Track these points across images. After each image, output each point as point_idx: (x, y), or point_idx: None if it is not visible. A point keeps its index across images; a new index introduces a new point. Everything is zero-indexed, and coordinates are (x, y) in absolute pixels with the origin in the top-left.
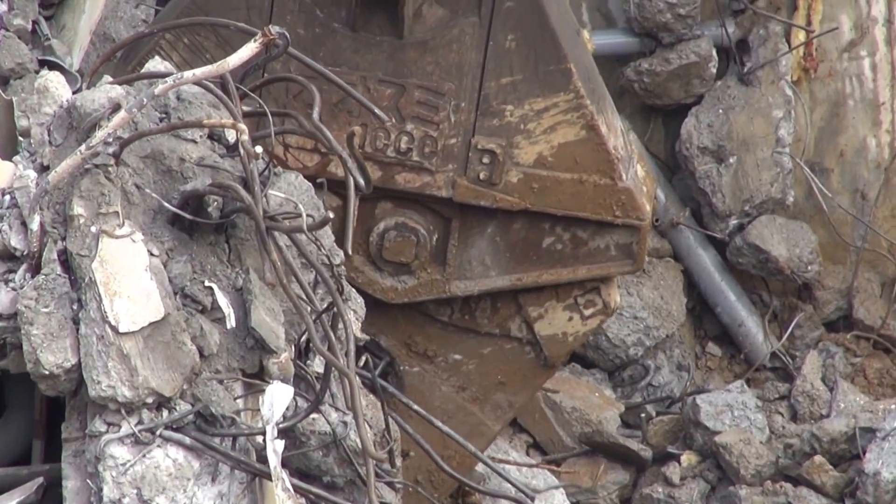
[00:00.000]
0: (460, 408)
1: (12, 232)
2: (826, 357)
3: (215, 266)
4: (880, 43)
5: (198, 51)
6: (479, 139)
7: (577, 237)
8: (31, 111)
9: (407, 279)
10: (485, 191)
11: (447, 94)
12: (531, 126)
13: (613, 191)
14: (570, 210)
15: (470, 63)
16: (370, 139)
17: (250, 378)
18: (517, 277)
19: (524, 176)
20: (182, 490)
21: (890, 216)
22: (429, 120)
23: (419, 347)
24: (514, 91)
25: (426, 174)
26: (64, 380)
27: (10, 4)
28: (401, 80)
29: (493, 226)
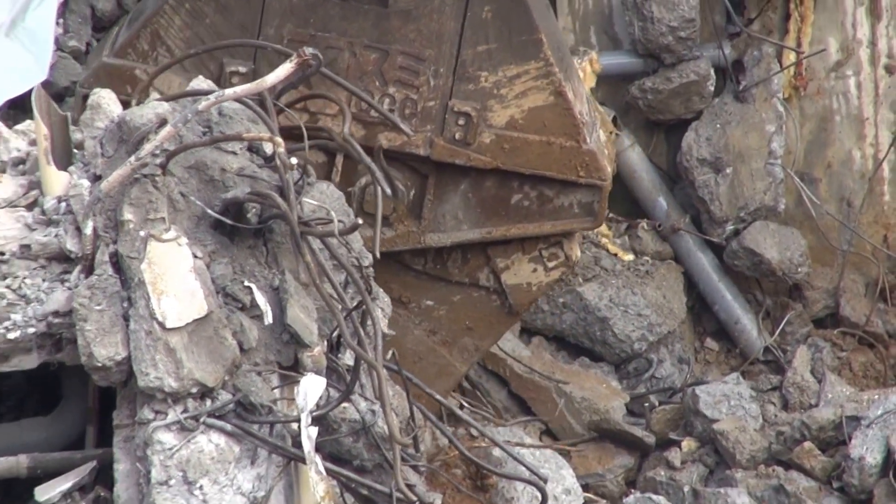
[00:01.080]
0: (431, 350)
1: (68, 236)
2: (815, 351)
3: (254, 267)
4: (865, 63)
5: (198, 15)
6: (455, 102)
7: (544, 195)
8: (84, 126)
9: (385, 231)
10: (459, 150)
11: (427, 60)
12: (504, 91)
13: (578, 153)
14: (538, 169)
15: (449, 32)
16: (355, 100)
17: (286, 370)
18: (487, 231)
19: (496, 137)
20: (224, 472)
21: (873, 222)
22: (409, 83)
23: (394, 294)
24: (488, 58)
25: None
26: (115, 371)
27: (66, 28)
28: (385, 46)
29: (465, 183)
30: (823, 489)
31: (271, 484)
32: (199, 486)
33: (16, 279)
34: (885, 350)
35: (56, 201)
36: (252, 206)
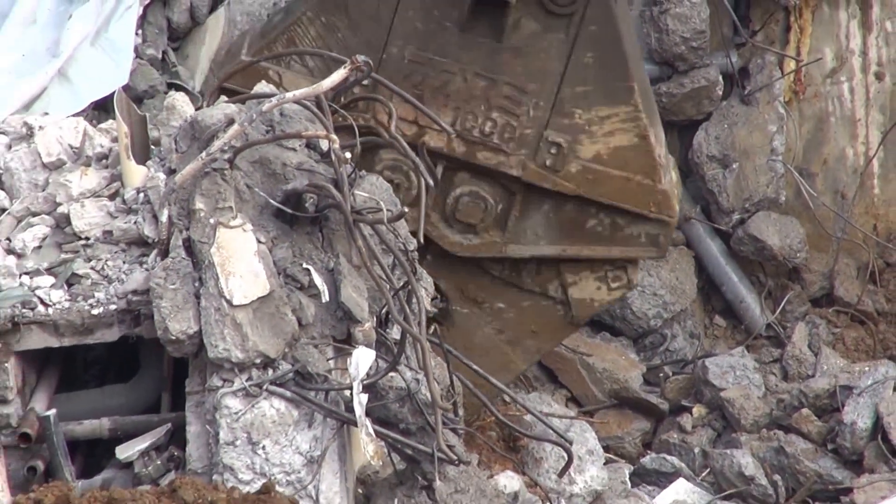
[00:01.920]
0: (496, 347)
1: (145, 223)
2: (811, 328)
3: (311, 251)
4: (857, 70)
5: (331, 29)
6: (550, 133)
7: (616, 223)
8: (161, 125)
9: (472, 238)
10: (548, 175)
11: (530, 93)
12: (594, 128)
13: (653, 191)
14: (616, 201)
15: (553, 70)
16: (461, 120)
17: (340, 343)
18: (562, 248)
19: (582, 168)
20: (284, 434)
21: (864, 212)
22: (511, 112)
23: (471, 293)
24: (584, 98)
25: (502, 155)
26: (187, 344)
27: (144, 37)
28: (494, 75)
29: (548, 204)
30: (819, 451)
31: (326, 444)
32: (262, 446)
33: (99, 261)
34: (875, 326)
35: (135, 192)
36: (310, 197)
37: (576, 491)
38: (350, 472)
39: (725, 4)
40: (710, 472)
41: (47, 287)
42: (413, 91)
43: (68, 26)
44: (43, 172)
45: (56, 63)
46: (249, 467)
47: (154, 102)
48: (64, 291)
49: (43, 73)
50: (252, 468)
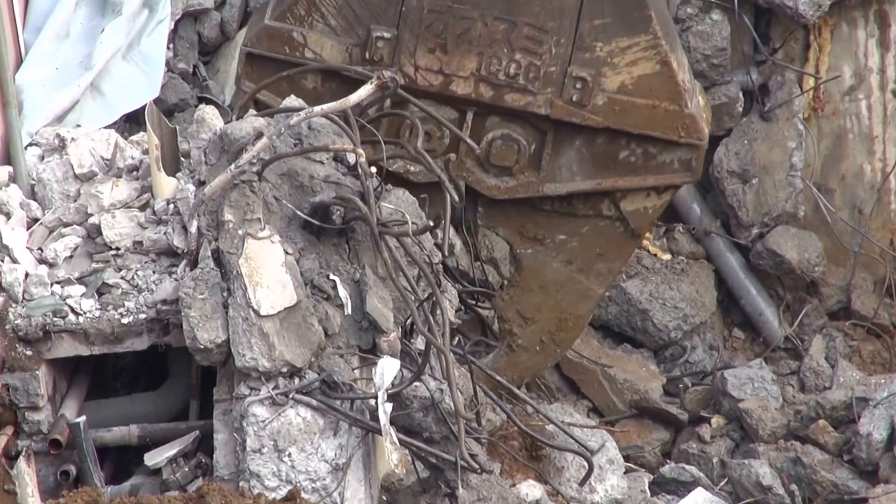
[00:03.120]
0: (569, 278)
1: (175, 234)
2: (829, 340)
3: (338, 263)
4: (874, 88)
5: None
6: (573, 68)
7: (648, 152)
8: (191, 137)
9: (508, 179)
10: (576, 111)
11: (550, 31)
12: (616, 60)
13: (680, 116)
14: (644, 129)
15: (570, 6)
16: (485, 64)
17: (365, 353)
18: (597, 182)
19: (608, 100)
20: (310, 442)
21: (881, 227)
22: (534, 51)
23: (530, 233)
24: (604, 31)
25: (529, 95)
26: (215, 353)
27: (175, 52)
28: (513, 17)
29: (580, 139)
30: (835, 461)
31: (351, 452)
32: (288, 453)
33: (129, 271)
34: (891, 340)
35: (165, 203)
36: (336, 209)
37: (596, 500)
38: (374, 480)
39: (746, 22)
40: (729, 481)
41: (78, 296)
42: (436, 40)
43: (101, 40)
44: (75, 183)
45: (88, 76)
46: (276, 474)
47: (184, 115)
48: (94, 301)
49: (75, 85)
50: (278, 475)
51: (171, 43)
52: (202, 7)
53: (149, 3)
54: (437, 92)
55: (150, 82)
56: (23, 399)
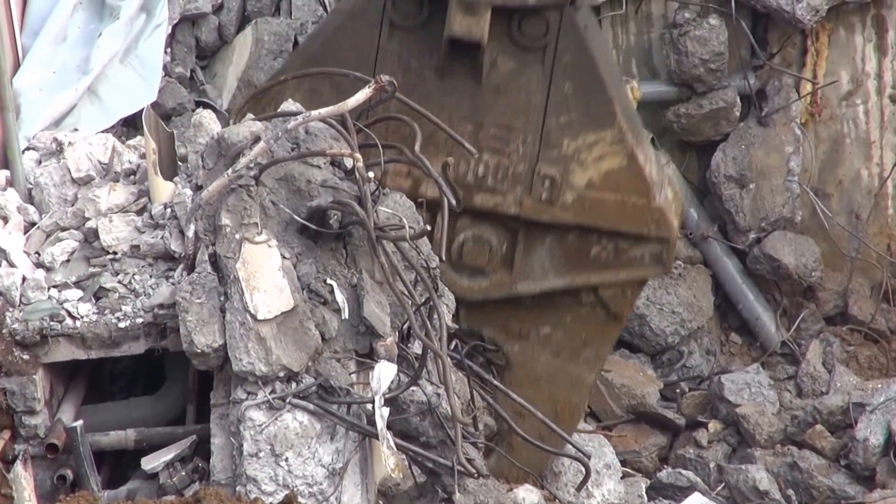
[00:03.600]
0: (559, 369)
1: (172, 238)
2: (826, 346)
3: (335, 267)
4: (872, 93)
5: (316, 93)
6: (541, 166)
7: (619, 247)
8: (188, 142)
9: (481, 280)
10: (546, 208)
11: (516, 130)
12: (583, 156)
13: (649, 210)
14: (614, 225)
15: (535, 104)
16: (453, 166)
17: (362, 357)
18: (570, 279)
19: (577, 197)
20: (307, 447)
21: (878, 233)
22: (501, 151)
23: (514, 330)
24: (570, 127)
25: (498, 195)
26: (212, 357)
27: (173, 56)
28: (479, 117)
29: (551, 237)
30: (832, 466)
31: (348, 457)
32: (285, 458)
33: (126, 275)
34: (888, 345)
35: (162, 207)
36: (334, 214)
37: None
38: (371, 485)
39: (743, 27)
40: (725, 486)
41: (75, 300)
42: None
43: (98, 44)
44: (72, 188)
45: (86, 80)
46: (272, 479)
47: (182, 120)
48: (91, 305)
49: (73, 90)
50: (275, 480)
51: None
52: (200, 11)
53: (146, 7)
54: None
55: (147, 86)
56: (20, 403)
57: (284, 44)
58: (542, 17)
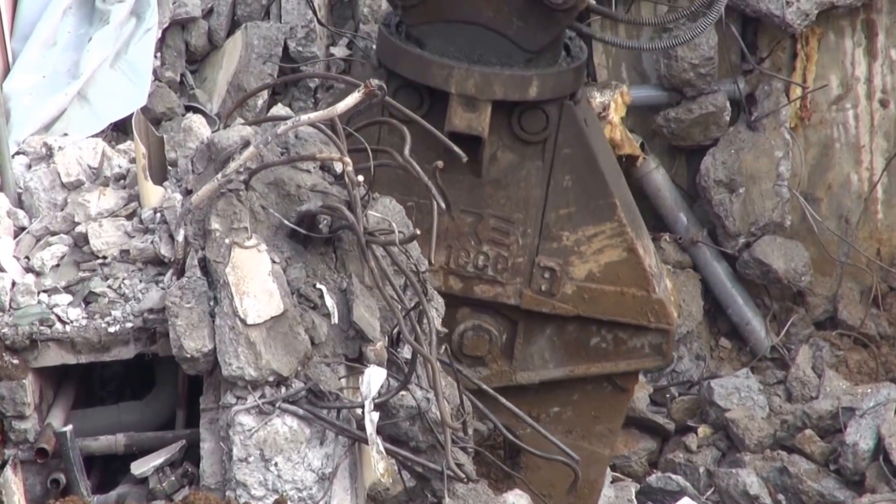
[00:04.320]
0: (574, 447)
1: (162, 243)
2: (815, 350)
3: (324, 272)
4: (861, 98)
5: None
6: (541, 258)
7: (619, 338)
8: (178, 146)
9: (482, 370)
10: (545, 300)
11: (516, 222)
12: (583, 248)
13: (648, 301)
14: (614, 316)
15: (535, 197)
16: (454, 257)
17: (352, 362)
18: (570, 369)
19: (577, 288)
20: (296, 451)
21: (868, 237)
22: (501, 243)
23: (524, 410)
24: (569, 220)
25: (498, 286)
26: (202, 362)
27: (162, 60)
28: (479, 210)
29: (550, 327)
30: (822, 471)
31: (338, 462)
32: (275, 462)
33: (116, 280)
34: (878, 350)
35: (152, 212)
36: (323, 218)
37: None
38: (361, 490)
39: (733, 32)
40: (715, 491)
41: (65, 305)
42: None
43: (88, 49)
44: (62, 192)
45: (76, 85)
46: (262, 483)
47: (171, 124)
48: (81, 309)
49: (63, 94)
50: (265, 484)
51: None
52: (189, 16)
53: (136, 11)
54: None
55: (137, 91)
56: (9, 408)
57: (274, 48)
58: (542, 111)
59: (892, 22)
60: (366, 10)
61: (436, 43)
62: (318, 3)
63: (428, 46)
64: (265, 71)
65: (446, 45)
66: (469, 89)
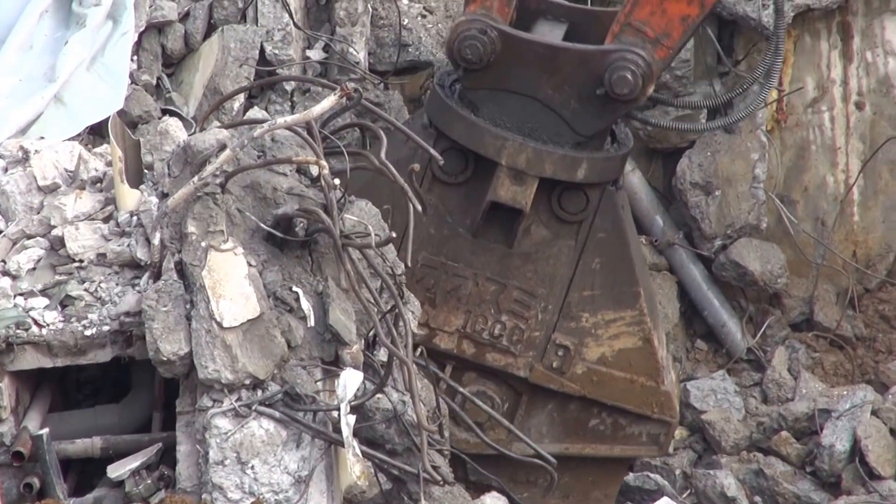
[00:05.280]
0: None
1: (138, 246)
2: (791, 352)
3: (301, 275)
4: (837, 100)
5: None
6: (557, 335)
7: (618, 423)
8: (154, 149)
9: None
10: (555, 377)
11: (539, 297)
12: (600, 331)
13: (656, 392)
14: (619, 402)
15: (561, 275)
16: (471, 322)
17: (328, 365)
18: (565, 447)
19: (587, 370)
20: (272, 454)
21: (844, 239)
22: (520, 315)
23: (521, 478)
24: (591, 302)
25: (510, 356)
26: (178, 365)
27: (139, 63)
28: (504, 280)
29: (552, 404)
30: (798, 473)
31: (314, 464)
32: (251, 465)
33: (93, 283)
34: (853, 351)
35: (129, 215)
36: (300, 221)
37: None
38: (337, 492)
39: (709, 34)
40: (692, 492)
41: (41, 308)
42: (425, 294)
43: (65, 52)
44: (38, 195)
45: (52, 88)
46: (238, 486)
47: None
48: (58, 313)
49: (39, 97)
50: (241, 487)
51: (135, 55)
52: (166, 19)
53: (113, 15)
54: (421, 344)
55: (113, 94)
56: None
57: (250, 51)
58: (583, 193)
59: (868, 24)
60: (342, 13)
61: (490, 110)
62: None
63: (481, 112)
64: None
65: (500, 113)
66: (520, 163)
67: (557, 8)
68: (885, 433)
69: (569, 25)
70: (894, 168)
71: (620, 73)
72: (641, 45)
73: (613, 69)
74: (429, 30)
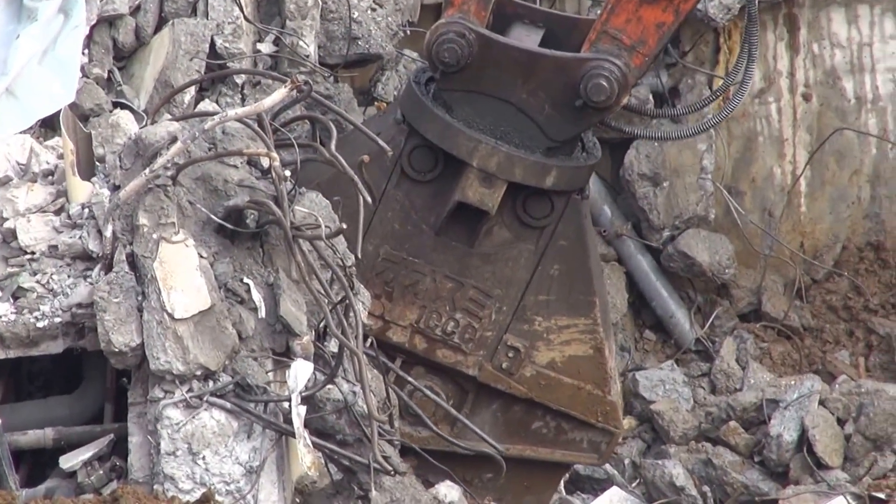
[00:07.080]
0: None
1: (90, 238)
2: (739, 342)
3: (252, 266)
4: (784, 91)
5: None
6: (509, 337)
7: (561, 427)
8: (106, 142)
9: (421, 430)
10: (503, 377)
11: (494, 298)
12: (552, 336)
13: (602, 401)
14: (564, 407)
15: (519, 278)
16: (425, 318)
17: (279, 356)
18: (506, 447)
19: (536, 373)
20: (224, 445)
21: (791, 230)
22: (475, 314)
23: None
24: (546, 307)
25: (461, 354)
26: (130, 356)
27: (90, 57)
28: (462, 278)
29: (497, 403)
30: (746, 463)
31: (265, 455)
32: (202, 456)
33: (44, 275)
34: (801, 341)
35: (80, 208)
36: (250, 213)
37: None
38: (288, 483)
39: None
40: (641, 482)
41: None
42: (384, 287)
43: (16, 45)
44: None
45: (3, 81)
46: (190, 477)
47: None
48: (9, 304)
49: None
50: (192, 478)
51: (86, 48)
52: (117, 13)
53: (64, 8)
54: (375, 336)
55: (65, 87)
56: None
57: (201, 44)
58: (548, 199)
59: (814, 16)
60: (292, 6)
61: (464, 111)
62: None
63: (455, 113)
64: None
65: (474, 115)
66: (491, 166)
67: (534, 13)
68: (833, 423)
69: (546, 31)
70: (841, 159)
71: (596, 80)
72: (617, 54)
73: (589, 77)
74: (378, 23)
